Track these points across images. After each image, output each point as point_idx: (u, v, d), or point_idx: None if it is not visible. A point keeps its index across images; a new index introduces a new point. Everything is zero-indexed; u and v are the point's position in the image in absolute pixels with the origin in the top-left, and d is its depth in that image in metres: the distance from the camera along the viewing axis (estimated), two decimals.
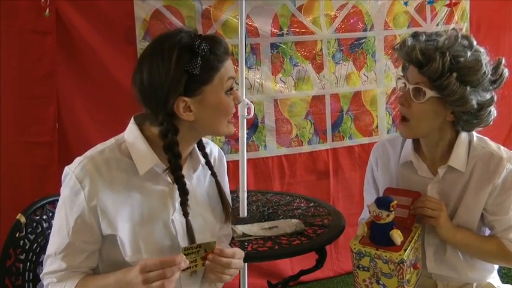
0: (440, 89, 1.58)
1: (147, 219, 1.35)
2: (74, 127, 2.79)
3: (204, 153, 1.46)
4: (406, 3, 3.40)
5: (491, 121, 1.69)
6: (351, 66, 3.36)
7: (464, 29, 3.54)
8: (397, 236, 1.55)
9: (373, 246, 1.57)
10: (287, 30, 3.17)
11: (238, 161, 2.35)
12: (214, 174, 1.48)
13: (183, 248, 1.28)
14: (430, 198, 1.68)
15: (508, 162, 1.67)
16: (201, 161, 1.45)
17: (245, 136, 2.32)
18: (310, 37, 3.23)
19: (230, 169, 2.95)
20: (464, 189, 1.71)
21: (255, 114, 3.05)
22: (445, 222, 1.66)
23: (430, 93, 1.60)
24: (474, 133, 1.75)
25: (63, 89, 2.76)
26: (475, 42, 1.63)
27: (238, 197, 2.30)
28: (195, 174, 1.46)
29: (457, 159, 1.70)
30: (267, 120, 3.19)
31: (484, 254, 1.72)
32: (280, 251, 2.00)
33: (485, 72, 1.59)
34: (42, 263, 1.65)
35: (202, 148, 1.46)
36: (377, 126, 3.47)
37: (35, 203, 1.71)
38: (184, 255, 1.27)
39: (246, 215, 2.29)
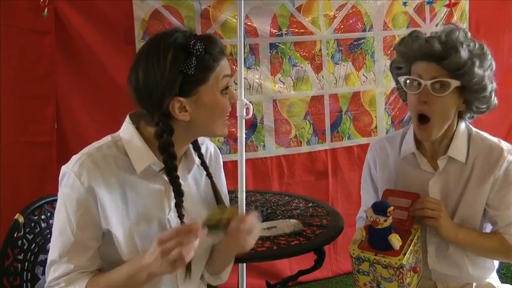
0: (465, 77, 1.61)
1: (143, 218, 1.34)
2: (72, 127, 2.79)
3: (200, 154, 1.46)
4: (405, 4, 3.39)
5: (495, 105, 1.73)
6: (350, 67, 3.36)
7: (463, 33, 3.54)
8: (396, 240, 1.54)
9: (372, 251, 1.56)
10: (286, 31, 3.17)
11: (237, 161, 2.34)
12: (209, 175, 1.47)
13: (209, 211, 1.30)
14: (429, 198, 1.68)
15: (508, 153, 1.68)
16: (196, 161, 1.45)
17: (244, 136, 2.32)
18: (309, 37, 3.23)
19: (229, 169, 2.96)
20: (466, 183, 1.71)
21: (253, 114, 3.04)
22: (446, 222, 1.66)
23: (455, 84, 1.61)
24: (472, 127, 1.76)
25: (62, 89, 2.76)
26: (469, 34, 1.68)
27: (237, 197, 2.29)
28: (190, 174, 1.45)
29: (457, 149, 1.70)
30: (266, 120, 3.19)
31: (486, 250, 1.72)
32: (278, 251, 2.00)
33: (491, 56, 1.65)
34: (40, 263, 1.65)
35: (198, 149, 1.46)
36: (376, 127, 3.47)
37: (34, 203, 1.71)
38: (207, 224, 1.26)
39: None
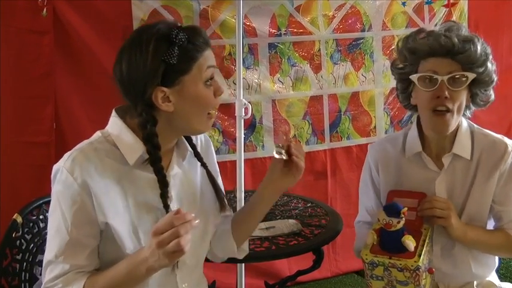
0: (479, 69, 1.64)
1: (144, 208, 1.33)
2: (71, 127, 2.79)
3: (192, 145, 1.46)
4: (404, 4, 3.39)
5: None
6: (349, 67, 3.35)
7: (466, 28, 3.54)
8: (410, 242, 1.51)
9: (386, 255, 1.52)
10: (285, 31, 3.17)
11: (236, 161, 2.34)
12: (204, 165, 1.47)
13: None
14: (437, 198, 1.67)
15: None
16: (189, 148, 1.45)
17: (243, 136, 2.32)
18: (308, 37, 3.23)
19: (228, 169, 2.96)
20: (473, 180, 1.71)
21: (252, 114, 3.04)
22: (456, 221, 1.65)
23: (471, 76, 1.64)
24: (474, 123, 1.77)
25: (61, 88, 2.75)
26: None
27: (236, 197, 2.29)
28: (186, 161, 1.45)
29: (461, 146, 1.71)
30: (264, 120, 3.19)
31: (493, 248, 1.73)
32: (277, 251, 2.00)
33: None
34: (39, 263, 1.65)
35: (190, 140, 1.46)
36: (375, 127, 3.47)
37: (32, 203, 1.71)
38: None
39: None
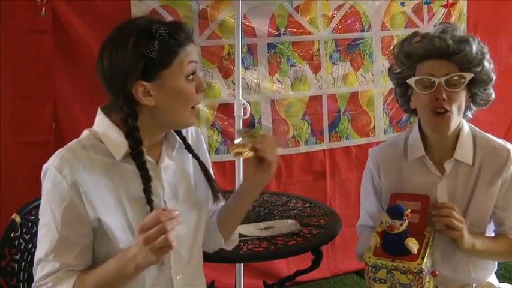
0: (476, 69, 1.63)
1: (137, 202, 1.33)
2: (70, 127, 2.78)
3: (182, 137, 1.46)
4: (403, 4, 3.39)
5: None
6: (348, 67, 3.35)
7: (461, 29, 3.54)
8: (413, 244, 1.51)
9: (389, 258, 1.52)
10: (284, 31, 3.17)
11: (235, 161, 2.35)
12: (196, 156, 1.47)
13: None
14: (455, 208, 1.63)
15: None
16: (178, 139, 1.45)
17: None
18: (307, 37, 3.23)
19: (227, 169, 2.97)
20: (475, 186, 1.70)
21: (251, 114, 3.03)
22: (467, 234, 1.63)
23: (469, 76, 1.63)
24: (475, 127, 1.76)
25: (60, 88, 2.76)
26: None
27: None
28: (175, 152, 1.45)
29: (463, 152, 1.70)
30: (263, 120, 3.19)
31: (497, 255, 1.73)
32: (276, 251, 2.00)
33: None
34: None
35: (179, 133, 1.46)
36: (374, 127, 3.47)
37: (30, 203, 1.71)
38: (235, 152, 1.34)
39: None
